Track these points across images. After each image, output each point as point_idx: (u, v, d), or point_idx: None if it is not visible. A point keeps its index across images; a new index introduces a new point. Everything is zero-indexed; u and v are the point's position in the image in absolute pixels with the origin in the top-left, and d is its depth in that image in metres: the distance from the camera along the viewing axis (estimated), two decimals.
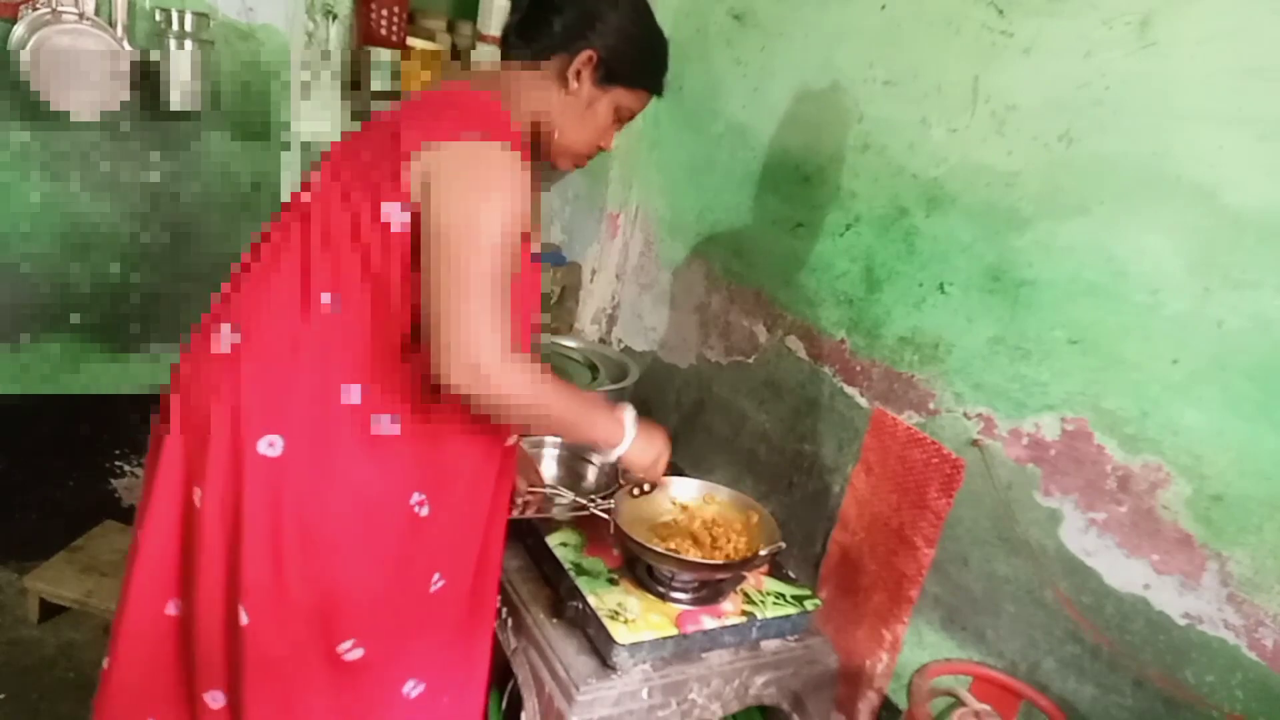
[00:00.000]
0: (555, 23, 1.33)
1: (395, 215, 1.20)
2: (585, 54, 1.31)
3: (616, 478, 1.88)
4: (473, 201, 1.17)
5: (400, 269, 1.22)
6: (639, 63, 1.39)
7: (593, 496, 1.76)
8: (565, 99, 1.35)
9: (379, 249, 1.22)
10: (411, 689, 1.42)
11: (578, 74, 1.33)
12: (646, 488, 1.73)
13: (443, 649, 1.46)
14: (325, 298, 1.24)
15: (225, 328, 1.28)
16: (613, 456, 1.41)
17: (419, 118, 1.25)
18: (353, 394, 1.25)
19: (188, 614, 1.33)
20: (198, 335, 1.33)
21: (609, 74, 1.35)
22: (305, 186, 1.33)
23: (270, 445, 1.23)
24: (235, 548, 1.26)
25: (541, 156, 1.42)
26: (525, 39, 1.35)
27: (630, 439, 1.40)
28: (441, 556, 1.39)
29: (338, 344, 1.25)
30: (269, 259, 1.29)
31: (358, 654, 1.33)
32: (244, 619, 1.27)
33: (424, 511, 1.33)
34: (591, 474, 1.97)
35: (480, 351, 1.13)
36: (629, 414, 1.42)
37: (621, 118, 1.42)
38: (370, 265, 1.23)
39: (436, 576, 1.39)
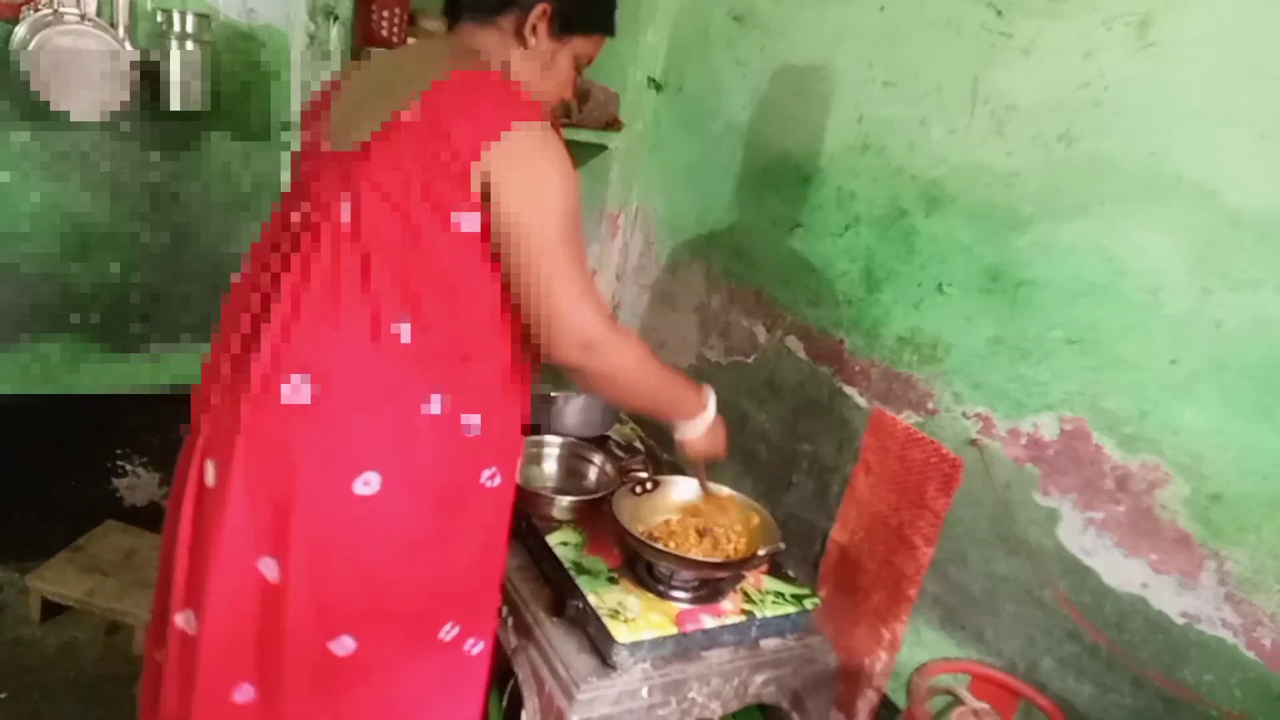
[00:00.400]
0: None
1: (466, 221, 1.19)
2: (539, 8, 1.29)
3: (619, 477, 1.88)
4: (541, 186, 1.18)
5: (469, 267, 1.22)
6: (592, 9, 1.37)
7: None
8: (525, 55, 1.33)
9: (449, 254, 1.20)
10: (471, 646, 1.47)
11: (534, 29, 1.30)
12: (649, 485, 1.73)
13: (490, 602, 1.52)
14: (396, 328, 1.21)
15: (297, 379, 1.19)
16: (687, 434, 1.50)
17: (458, 115, 1.18)
18: (434, 404, 1.25)
19: (272, 696, 1.29)
20: (253, 381, 1.22)
21: (564, 25, 1.32)
22: (319, 196, 1.25)
23: (365, 484, 1.22)
24: (330, 594, 1.24)
25: None
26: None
27: (709, 419, 1.50)
28: (500, 519, 1.45)
29: (416, 368, 1.23)
30: (324, 291, 1.21)
31: (455, 631, 1.40)
32: (349, 646, 1.27)
33: (495, 482, 1.37)
34: (593, 474, 1.97)
35: (592, 326, 1.20)
36: (710, 396, 1.50)
37: (580, 65, 1.41)
38: (440, 275, 1.21)
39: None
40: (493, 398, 1.32)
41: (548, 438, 2.01)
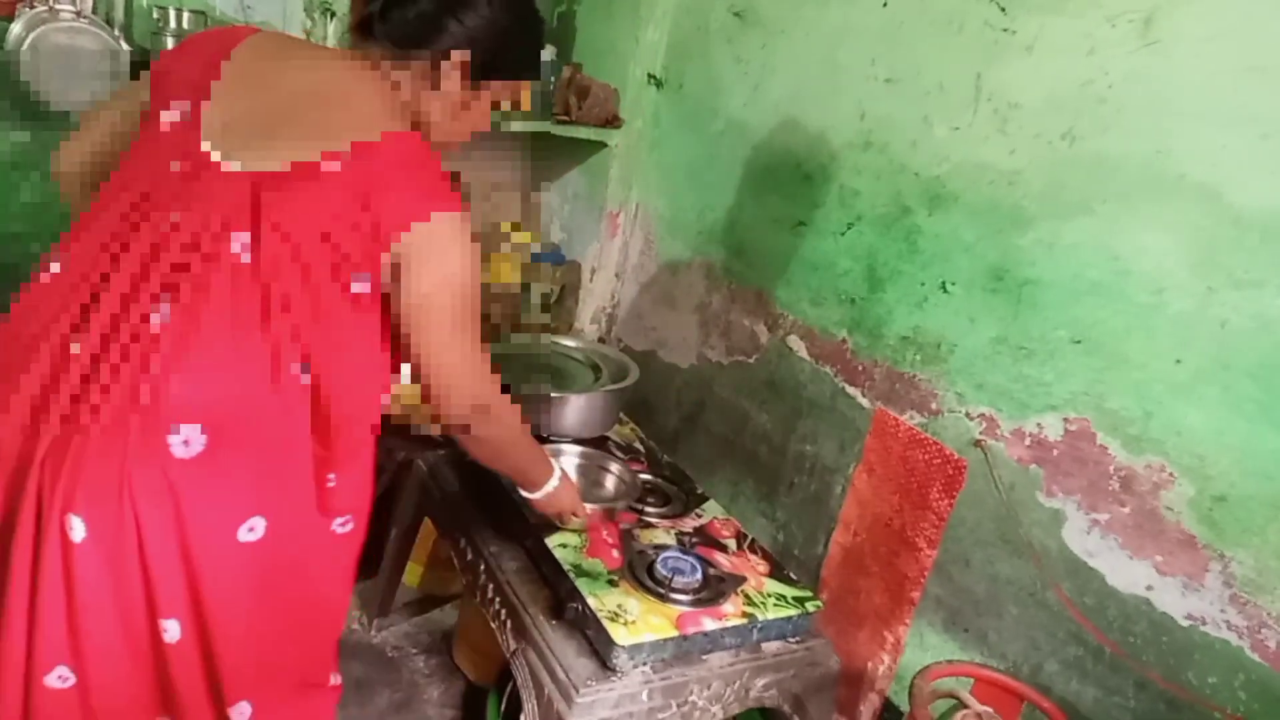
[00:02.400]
0: (411, 10, 1.21)
1: (362, 286, 1.16)
2: (455, 57, 1.22)
3: (635, 483, 1.87)
4: (453, 271, 1.19)
5: (360, 326, 1.18)
6: (515, 57, 1.31)
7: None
8: (437, 97, 1.26)
9: (342, 313, 1.16)
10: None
11: (448, 75, 1.24)
12: None
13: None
14: (294, 370, 1.14)
15: (186, 429, 1.07)
16: (531, 496, 1.56)
17: (385, 191, 1.12)
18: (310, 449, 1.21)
19: None
20: (133, 432, 1.06)
21: (483, 73, 1.26)
22: (208, 219, 1.11)
23: (250, 530, 1.13)
24: (225, 653, 1.17)
25: None
26: (387, 25, 1.22)
27: (549, 489, 1.55)
28: (346, 566, 1.38)
29: (313, 414, 1.18)
30: (216, 333, 1.10)
31: (338, 679, 1.42)
32: (246, 711, 1.23)
33: (348, 528, 1.30)
34: (610, 482, 1.96)
35: (486, 395, 1.28)
36: (558, 467, 1.57)
37: (499, 106, 1.35)
38: (331, 330, 1.15)
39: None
40: (360, 456, 1.28)
41: (565, 446, 1.98)
